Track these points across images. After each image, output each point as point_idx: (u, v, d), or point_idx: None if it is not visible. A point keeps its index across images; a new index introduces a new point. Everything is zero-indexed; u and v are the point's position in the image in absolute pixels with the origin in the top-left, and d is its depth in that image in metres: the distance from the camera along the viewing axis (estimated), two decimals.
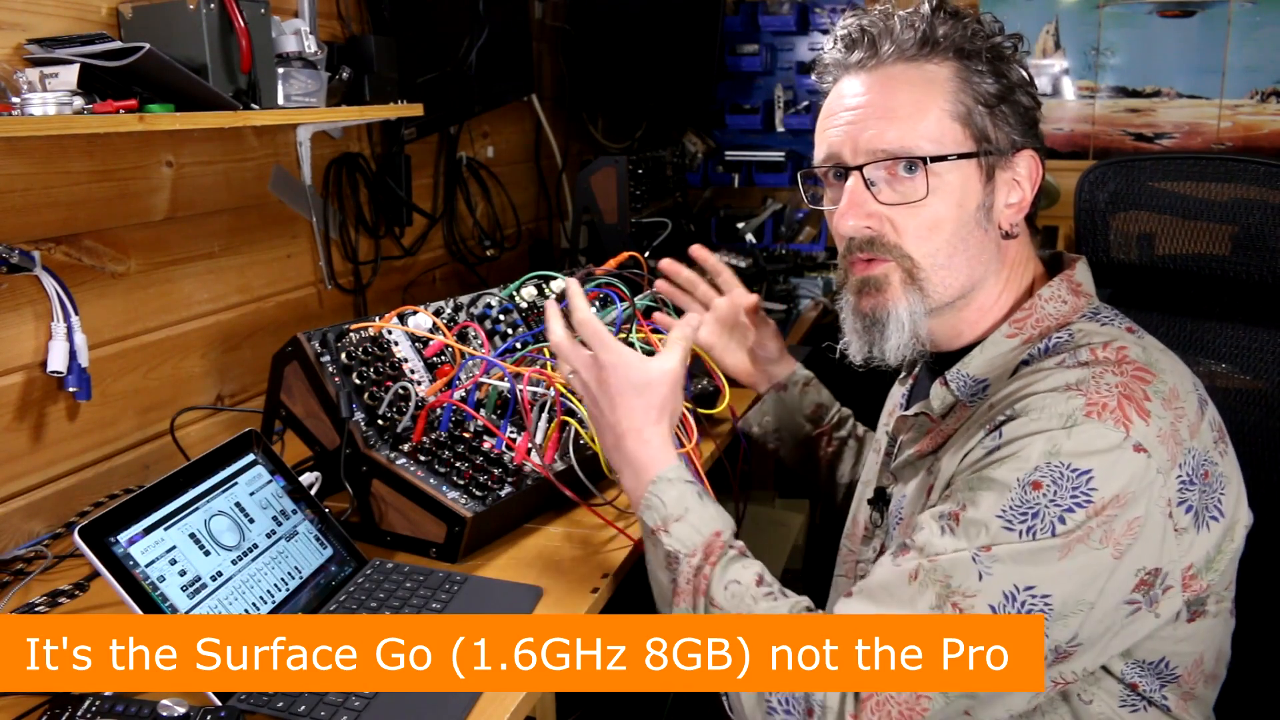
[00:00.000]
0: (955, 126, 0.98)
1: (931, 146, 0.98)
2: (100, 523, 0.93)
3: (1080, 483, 0.85)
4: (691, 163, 2.87)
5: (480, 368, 1.34)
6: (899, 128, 0.98)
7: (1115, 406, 0.86)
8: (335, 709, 0.90)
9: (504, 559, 1.21)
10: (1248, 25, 2.40)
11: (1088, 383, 0.88)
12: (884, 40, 1.00)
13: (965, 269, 1.01)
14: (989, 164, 1.00)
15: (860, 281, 1.03)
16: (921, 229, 0.99)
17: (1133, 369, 0.90)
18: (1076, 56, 2.54)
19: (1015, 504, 0.86)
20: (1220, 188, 1.26)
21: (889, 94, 0.99)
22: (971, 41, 0.99)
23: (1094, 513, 0.84)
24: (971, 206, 0.99)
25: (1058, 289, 1.02)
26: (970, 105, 0.98)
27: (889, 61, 1.00)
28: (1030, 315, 1.01)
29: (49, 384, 1.31)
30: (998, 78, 0.99)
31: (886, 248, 1.00)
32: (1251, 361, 1.25)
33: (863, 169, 1.00)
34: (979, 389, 1.01)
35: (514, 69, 2.35)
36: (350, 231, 1.93)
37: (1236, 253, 1.24)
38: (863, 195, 1.00)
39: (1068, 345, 0.95)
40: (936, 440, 1.04)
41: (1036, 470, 0.86)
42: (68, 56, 1.18)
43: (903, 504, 1.07)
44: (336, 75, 1.68)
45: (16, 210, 1.25)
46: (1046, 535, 0.85)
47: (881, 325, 1.02)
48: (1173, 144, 2.51)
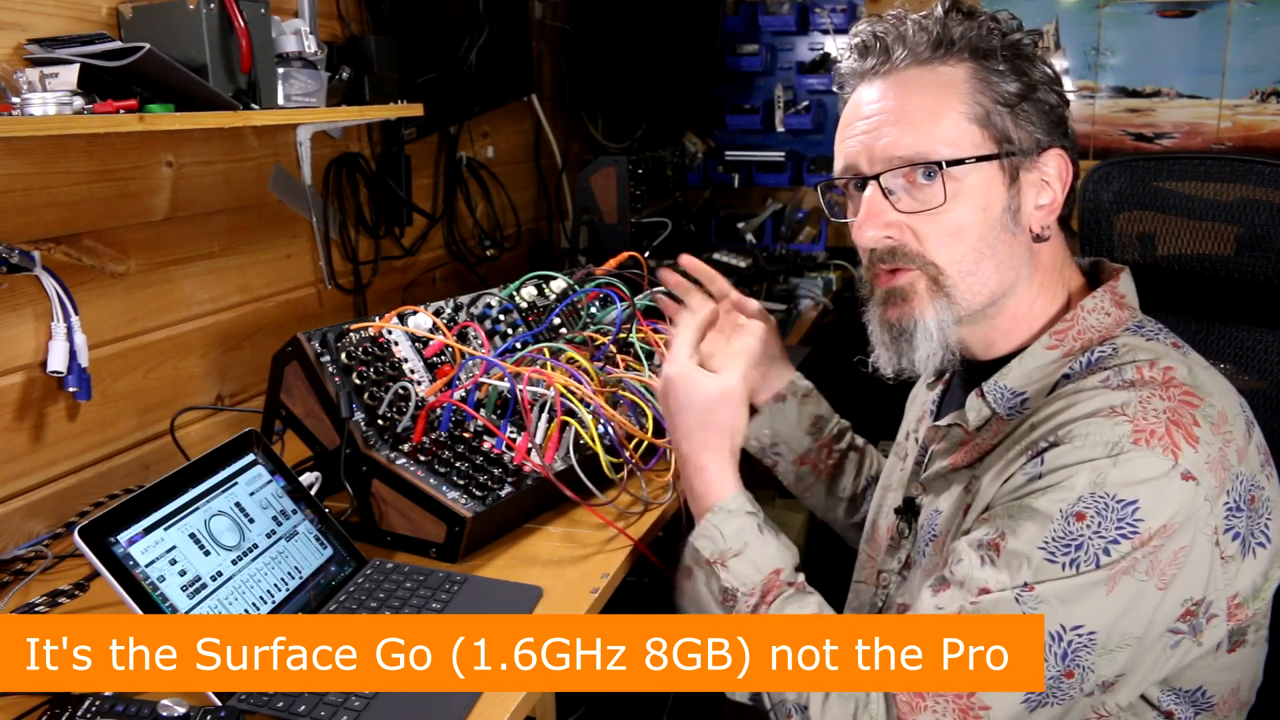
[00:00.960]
0: (973, 129, 0.95)
1: (949, 150, 0.95)
2: (100, 523, 0.93)
3: (1126, 513, 0.82)
4: (691, 163, 2.87)
5: (480, 368, 1.34)
6: (914, 133, 0.95)
7: (1164, 433, 0.84)
8: (335, 709, 0.90)
9: (504, 559, 1.21)
10: (1248, 25, 2.40)
11: (1134, 406, 0.85)
12: (897, 45, 0.98)
13: (994, 275, 0.97)
14: (1012, 165, 0.96)
15: (885, 293, 1.00)
16: (944, 235, 0.96)
17: (1180, 392, 0.87)
18: (1076, 56, 2.54)
19: (1058, 535, 0.84)
20: (1225, 188, 1.26)
21: (903, 99, 0.97)
22: (987, 40, 0.96)
23: (1140, 544, 0.82)
24: (996, 210, 0.96)
25: (1101, 300, 0.98)
26: (988, 106, 0.95)
27: (902, 66, 0.98)
28: (1072, 327, 0.97)
29: (49, 384, 1.31)
30: (1018, 76, 0.96)
31: (910, 256, 0.97)
32: (1255, 362, 1.25)
33: (879, 178, 0.97)
34: (1017, 402, 0.98)
35: (514, 69, 2.35)
36: (350, 231, 1.93)
37: (1241, 253, 1.24)
38: (881, 205, 0.97)
39: (1111, 361, 0.92)
40: (972, 454, 1.00)
41: (1080, 501, 0.83)
42: (68, 56, 1.18)
43: (936, 519, 1.03)
44: (336, 75, 1.68)
45: (16, 210, 1.24)
46: (1090, 568, 0.82)
47: (909, 335, 0.99)
48: (1173, 144, 2.51)
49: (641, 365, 1.48)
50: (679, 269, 1.43)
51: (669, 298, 1.41)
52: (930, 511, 1.05)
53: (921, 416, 1.18)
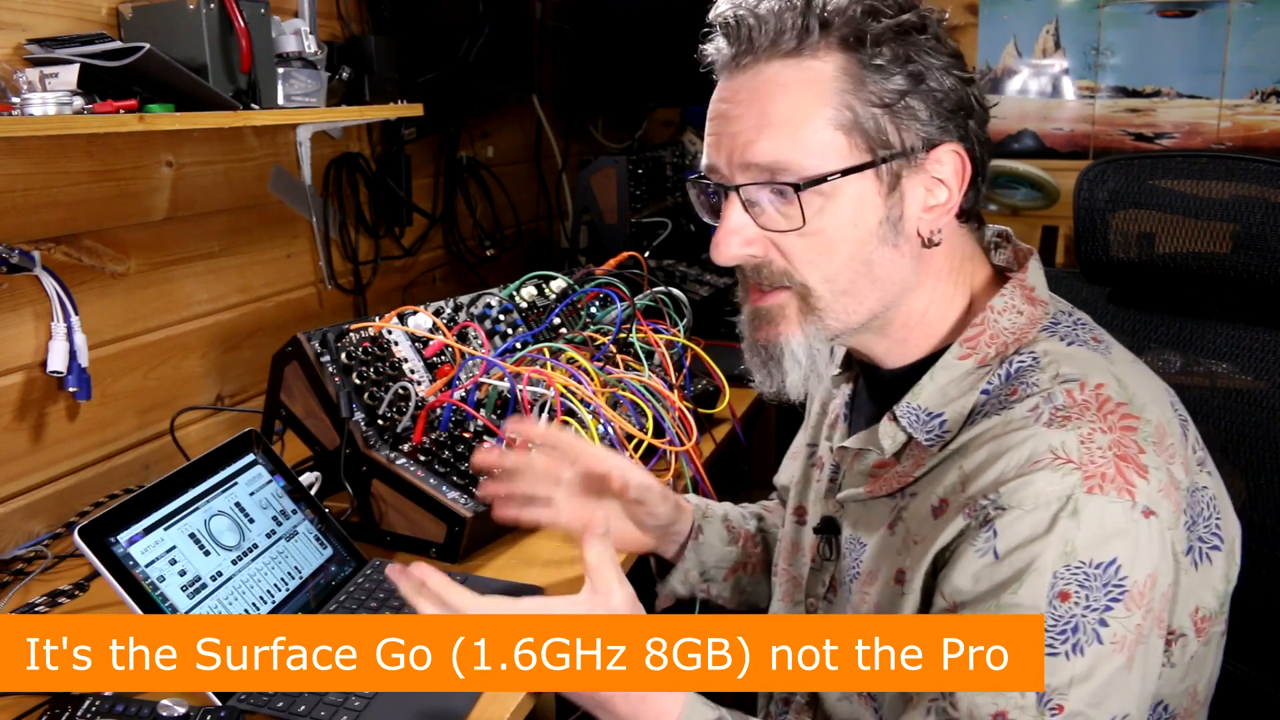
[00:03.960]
0: (838, 137, 0.83)
1: (813, 163, 0.83)
2: (100, 523, 0.93)
3: (1110, 576, 0.76)
4: (692, 163, 2.87)
5: (480, 368, 1.34)
6: (773, 141, 0.83)
7: (1114, 474, 0.76)
8: (335, 709, 0.90)
9: (504, 559, 1.21)
10: (1248, 25, 2.40)
11: (1076, 450, 0.77)
12: (759, 32, 0.84)
13: (871, 293, 0.87)
14: (892, 172, 0.84)
15: (753, 312, 0.91)
16: (811, 254, 0.86)
17: (1118, 418, 0.80)
18: (1076, 56, 2.54)
19: (1049, 626, 0.76)
20: (1221, 186, 1.26)
21: (764, 100, 0.84)
22: (863, 25, 0.82)
23: (1133, 604, 0.76)
24: (871, 223, 0.85)
25: (1011, 298, 0.89)
26: (859, 110, 0.82)
27: (764, 58, 0.84)
28: (983, 332, 0.88)
29: (49, 384, 1.31)
30: (902, 65, 0.82)
31: (776, 275, 0.87)
32: (1252, 361, 1.24)
33: (739, 190, 0.86)
34: (935, 424, 0.88)
35: (514, 69, 2.35)
36: (350, 231, 1.93)
37: (1237, 252, 1.24)
38: (741, 220, 0.86)
39: (1032, 376, 0.84)
40: (892, 484, 0.91)
41: (1057, 579, 0.76)
42: (68, 56, 1.18)
43: (860, 553, 0.94)
44: (336, 75, 1.68)
45: (16, 210, 1.25)
46: (1093, 643, 0.76)
47: (777, 360, 0.90)
48: (1173, 144, 2.51)
49: (641, 365, 1.48)
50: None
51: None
52: (852, 540, 0.96)
53: (834, 423, 1.06)
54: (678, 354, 1.52)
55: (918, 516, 0.87)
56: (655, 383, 1.40)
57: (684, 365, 1.53)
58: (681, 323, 1.59)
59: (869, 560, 0.93)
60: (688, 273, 2.23)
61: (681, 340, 1.54)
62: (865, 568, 0.93)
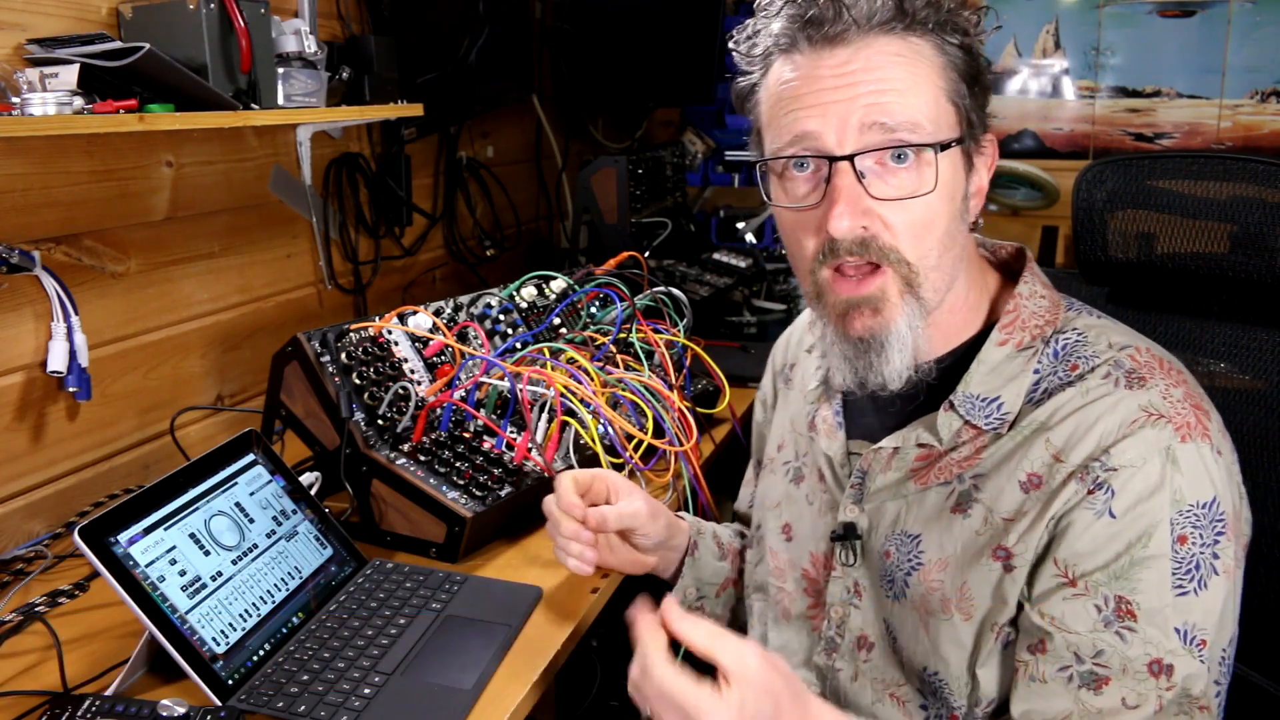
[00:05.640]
0: (949, 109, 0.86)
1: (940, 128, 0.85)
2: (100, 523, 0.93)
3: (1213, 513, 0.82)
4: (691, 163, 2.87)
5: (480, 368, 1.34)
6: (904, 100, 0.83)
7: (1195, 422, 0.83)
8: (335, 709, 0.90)
9: (504, 559, 1.21)
10: (1248, 25, 2.40)
11: (1162, 404, 0.83)
12: (853, 7, 0.84)
13: (950, 270, 0.89)
14: (967, 151, 0.88)
15: (847, 303, 0.87)
16: (916, 227, 0.85)
17: (1176, 373, 0.86)
18: (1076, 56, 2.54)
19: (1175, 569, 0.81)
20: (1219, 186, 1.26)
21: (881, 67, 0.83)
22: (942, 13, 0.85)
23: (1231, 533, 0.83)
24: (959, 199, 0.88)
25: (1032, 285, 0.93)
26: (959, 85, 0.86)
27: (862, 32, 0.84)
28: (1017, 317, 0.91)
29: (49, 384, 1.31)
30: (969, 54, 0.86)
31: (882, 251, 0.85)
32: (1250, 361, 1.25)
33: (853, 159, 0.83)
34: (993, 408, 0.89)
35: (514, 69, 2.35)
36: (350, 231, 1.93)
37: (1235, 252, 1.24)
38: (857, 189, 0.84)
39: (1085, 350, 0.88)
40: (949, 471, 0.91)
41: (1174, 525, 0.81)
42: (68, 56, 1.18)
43: (914, 545, 0.92)
44: (336, 75, 1.68)
45: (16, 210, 1.25)
46: (1212, 576, 0.82)
47: (879, 349, 0.87)
48: (1173, 144, 2.51)
49: (641, 365, 1.48)
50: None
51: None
52: (897, 536, 0.94)
53: (829, 431, 1.02)
54: (678, 354, 1.52)
55: (1002, 495, 0.87)
56: (655, 383, 1.40)
57: (684, 365, 1.53)
58: (681, 323, 1.59)
59: (933, 548, 0.91)
60: (688, 273, 2.23)
61: (681, 340, 1.54)
62: (930, 556, 0.91)
